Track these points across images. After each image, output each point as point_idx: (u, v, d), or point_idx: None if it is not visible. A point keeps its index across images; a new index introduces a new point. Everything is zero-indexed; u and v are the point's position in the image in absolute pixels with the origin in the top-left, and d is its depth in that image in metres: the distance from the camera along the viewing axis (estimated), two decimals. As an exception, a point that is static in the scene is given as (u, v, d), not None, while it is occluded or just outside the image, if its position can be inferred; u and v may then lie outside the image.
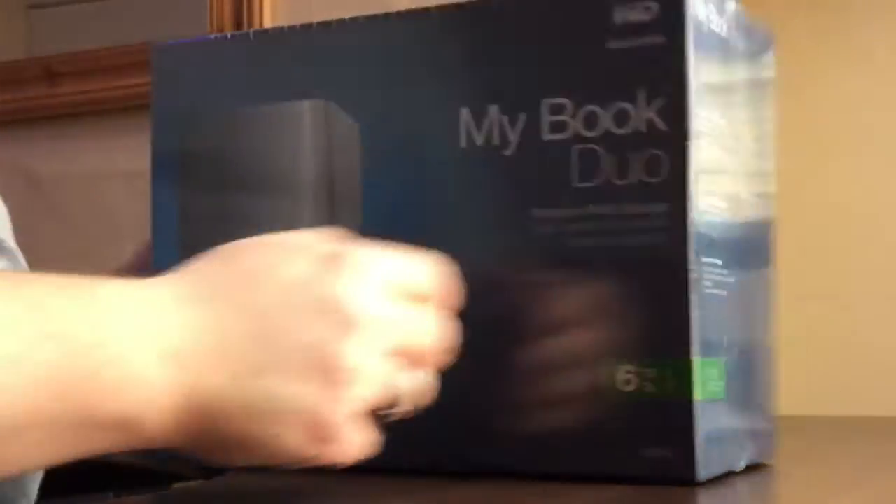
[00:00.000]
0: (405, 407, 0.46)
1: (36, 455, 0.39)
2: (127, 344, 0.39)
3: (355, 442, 0.43)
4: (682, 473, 0.51)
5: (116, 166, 1.51)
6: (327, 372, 0.41)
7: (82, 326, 0.39)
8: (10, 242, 0.71)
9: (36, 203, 1.53)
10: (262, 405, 0.40)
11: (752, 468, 0.60)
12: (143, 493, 0.67)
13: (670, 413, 0.51)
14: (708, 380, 0.53)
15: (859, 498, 0.54)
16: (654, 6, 0.49)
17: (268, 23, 1.40)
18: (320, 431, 0.41)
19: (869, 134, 1.20)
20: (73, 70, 1.52)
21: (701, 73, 0.51)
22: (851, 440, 0.88)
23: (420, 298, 0.46)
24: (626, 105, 0.51)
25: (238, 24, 1.41)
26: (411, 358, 0.45)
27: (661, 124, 0.51)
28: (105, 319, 0.40)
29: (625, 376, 0.52)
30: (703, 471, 0.52)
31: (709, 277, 0.53)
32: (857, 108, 1.21)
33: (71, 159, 1.55)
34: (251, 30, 0.62)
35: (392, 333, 0.44)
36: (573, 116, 0.52)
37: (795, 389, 1.22)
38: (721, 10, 0.55)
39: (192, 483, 0.71)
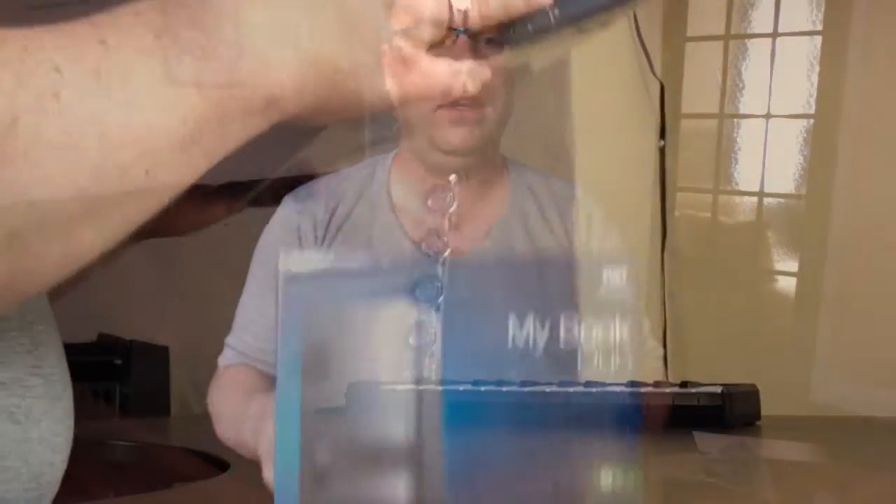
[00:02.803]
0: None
1: (210, 150, 0.47)
2: (262, 41, 0.48)
3: (438, 70, 0.52)
4: None
5: (116, 166, 1.51)
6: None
7: (219, 37, 0.47)
8: None
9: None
10: (362, 57, 0.51)
11: (751, 468, 0.60)
12: (143, 493, 0.67)
13: None
14: None
15: (859, 498, 0.54)
16: None
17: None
18: (404, 62, 0.52)
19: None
20: (73, 70, 1.52)
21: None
22: (851, 440, 0.88)
23: None
24: None
25: (238, 25, 1.41)
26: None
27: None
28: (239, 29, 0.48)
29: None
30: None
31: None
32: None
33: (71, 159, 1.54)
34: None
35: None
36: None
37: (796, 389, 1.22)
38: None
39: (192, 483, 0.71)
